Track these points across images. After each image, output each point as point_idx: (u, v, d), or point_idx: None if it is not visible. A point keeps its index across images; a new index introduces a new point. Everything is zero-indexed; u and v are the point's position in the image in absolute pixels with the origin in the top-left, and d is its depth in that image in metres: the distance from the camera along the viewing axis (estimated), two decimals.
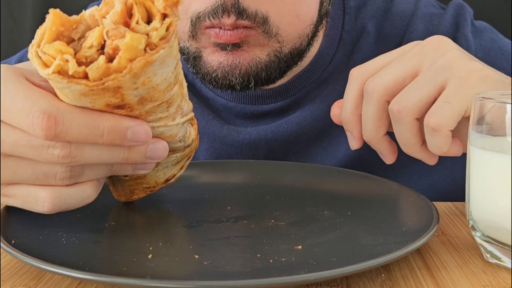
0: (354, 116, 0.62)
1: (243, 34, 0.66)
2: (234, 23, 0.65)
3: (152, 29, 0.43)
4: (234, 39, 0.66)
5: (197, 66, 0.71)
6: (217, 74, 0.69)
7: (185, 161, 0.58)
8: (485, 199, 0.49)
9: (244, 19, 0.65)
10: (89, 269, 0.44)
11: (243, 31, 0.66)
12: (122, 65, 0.43)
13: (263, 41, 0.68)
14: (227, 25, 0.65)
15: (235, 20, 0.65)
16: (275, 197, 0.63)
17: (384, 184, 0.64)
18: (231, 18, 0.64)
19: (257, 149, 0.78)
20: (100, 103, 0.45)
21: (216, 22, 0.65)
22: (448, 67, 0.56)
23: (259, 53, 0.69)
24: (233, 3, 0.64)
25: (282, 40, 0.69)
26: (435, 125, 0.54)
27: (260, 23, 0.66)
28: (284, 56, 0.70)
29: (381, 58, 0.62)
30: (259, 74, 0.69)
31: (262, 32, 0.67)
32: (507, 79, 0.57)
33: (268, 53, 0.69)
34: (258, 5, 0.65)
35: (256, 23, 0.66)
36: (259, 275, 0.44)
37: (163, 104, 0.47)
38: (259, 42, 0.68)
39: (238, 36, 0.66)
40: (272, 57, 0.69)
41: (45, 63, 0.43)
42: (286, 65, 0.72)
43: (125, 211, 0.60)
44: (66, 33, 0.45)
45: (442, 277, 0.48)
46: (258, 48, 0.68)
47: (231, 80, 0.69)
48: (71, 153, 0.46)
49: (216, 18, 0.65)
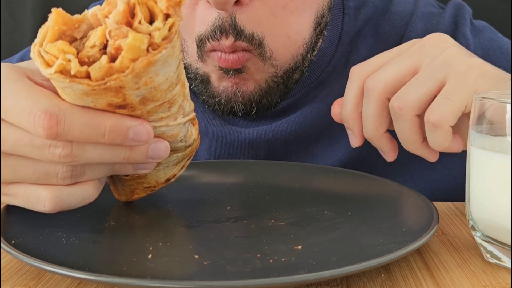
0: (354, 114, 0.62)
1: (244, 58, 0.67)
2: (233, 45, 0.66)
3: (154, 29, 0.43)
4: (235, 64, 0.67)
5: (203, 89, 0.72)
6: (220, 99, 0.70)
7: (186, 160, 0.58)
8: (485, 199, 0.49)
9: (242, 41, 0.66)
10: (89, 269, 0.44)
11: (243, 55, 0.67)
12: (125, 65, 0.42)
13: (259, 66, 0.68)
14: (226, 46, 0.66)
15: (233, 41, 0.65)
16: (275, 197, 0.63)
17: (384, 184, 0.64)
18: (229, 39, 0.65)
19: (258, 149, 0.78)
20: (102, 102, 0.45)
21: (216, 44, 0.66)
22: (448, 63, 0.56)
23: (259, 80, 0.70)
24: (230, 23, 0.65)
25: (276, 64, 0.69)
26: (435, 121, 0.55)
27: (257, 45, 0.67)
28: (280, 78, 0.71)
29: (381, 56, 0.62)
30: (261, 101, 0.71)
31: (258, 56, 0.68)
32: (507, 75, 0.57)
33: (266, 80, 0.70)
34: (254, 27, 0.66)
35: (253, 45, 0.66)
36: (259, 275, 0.44)
37: (165, 104, 0.47)
38: (256, 68, 0.69)
39: (239, 60, 0.67)
40: (270, 83, 0.71)
41: (47, 62, 0.43)
42: (285, 86, 0.73)
43: (125, 211, 0.59)
44: (69, 32, 0.45)
45: (442, 277, 0.48)
46: (257, 74, 0.69)
47: (233, 106, 0.70)
48: (73, 152, 0.46)
49: (216, 40, 0.66)
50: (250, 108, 0.71)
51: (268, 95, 0.71)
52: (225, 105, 0.71)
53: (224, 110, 0.72)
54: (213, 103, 0.72)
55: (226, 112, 0.72)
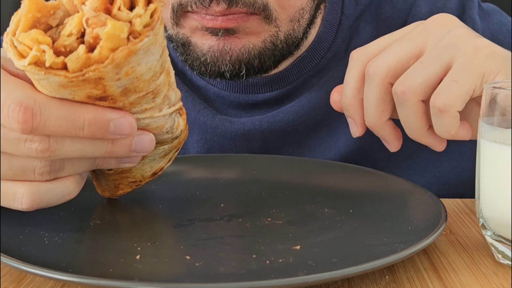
0: (355, 100, 0.62)
1: (242, 20, 0.66)
2: (224, 11, 0.65)
3: (135, 16, 0.43)
4: (229, 24, 0.66)
5: (186, 52, 0.71)
6: (206, 59, 0.69)
7: (174, 153, 0.58)
8: (496, 195, 0.49)
9: (239, 7, 0.65)
10: (72, 270, 0.44)
11: (241, 17, 0.66)
12: (104, 55, 0.42)
13: (262, 27, 0.68)
14: (216, 11, 0.65)
15: (225, 8, 0.65)
16: (272, 193, 0.63)
17: (388, 180, 0.64)
18: (221, 6, 0.65)
19: (252, 141, 0.78)
20: (80, 94, 0.45)
21: (200, 10, 0.65)
22: (454, 44, 0.56)
23: (253, 40, 0.69)
24: None
25: (280, 24, 0.69)
26: (442, 106, 0.54)
27: (261, 9, 0.66)
28: (280, 43, 0.71)
29: (383, 39, 0.62)
30: (252, 61, 0.70)
31: (263, 18, 0.67)
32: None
33: (263, 39, 0.69)
34: None
35: (256, 10, 0.66)
36: (255, 277, 0.44)
37: (149, 94, 0.47)
38: (256, 29, 0.68)
39: (235, 21, 0.66)
40: (268, 43, 0.70)
41: (21, 53, 0.43)
42: (281, 54, 0.72)
43: (111, 208, 0.59)
44: (43, 19, 0.44)
45: (450, 279, 0.48)
46: (253, 35, 0.69)
47: (221, 67, 0.69)
48: (50, 147, 0.46)
49: (201, 7, 0.65)
50: (239, 68, 0.70)
51: (261, 56, 0.70)
52: (212, 65, 0.69)
53: (211, 72, 0.70)
54: (199, 64, 0.70)
55: (214, 74, 0.70)
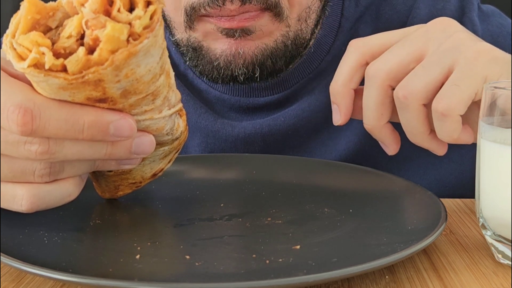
0: (345, 88, 0.62)
1: (258, 16, 0.67)
2: (239, 9, 0.65)
3: (134, 18, 0.43)
4: (245, 23, 0.66)
5: (198, 57, 0.71)
6: (219, 63, 0.69)
7: (174, 154, 0.58)
8: (496, 195, 0.49)
9: (253, 3, 0.65)
10: (72, 270, 0.44)
11: (256, 14, 0.66)
12: (103, 57, 0.42)
13: (274, 26, 0.68)
14: (231, 10, 0.65)
15: (240, 5, 0.65)
16: (272, 193, 0.63)
17: (388, 180, 0.63)
18: (235, 4, 0.65)
19: (253, 144, 0.78)
20: (80, 96, 0.45)
21: (216, 11, 0.66)
22: (455, 48, 0.56)
23: (266, 40, 0.69)
24: None
25: (290, 23, 0.70)
26: (444, 110, 0.55)
27: (273, 5, 0.67)
28: (290, 43, 0.71)
29: (383, 35, 0.62)
30: (265, 62, 0.70)
31: (274, 15, 0.67)
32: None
33: (275, 39, 0.70)
34: None
35: (267, 6, 0.66)
36: (255, 276, 0.44)
37: (148, 96, 0.47)
38: (269, 28, 0.68)
39: (251, 19, 0.66)
40: (279, 43, 0.70)
41: (20, 55, 0.43)
42: (291, 55, 0.73)
43: (111, 208, 0.59)
44: (43, 21, 0.44)
45: (450, 279, 0.48)
46: (266, 37, 0.69)
47: (234, 70, 0.69)
48: (50, 149, 0.46)
49: (215, 7, 0.65)
50: (253, 71, 0.70)
51: (274, 55, 0.70)
52: (225, 69, 0.70)
53: (224, 76, 0.70)
54: (211, 69, 0.71)
55: (227, 79, 0.70)
